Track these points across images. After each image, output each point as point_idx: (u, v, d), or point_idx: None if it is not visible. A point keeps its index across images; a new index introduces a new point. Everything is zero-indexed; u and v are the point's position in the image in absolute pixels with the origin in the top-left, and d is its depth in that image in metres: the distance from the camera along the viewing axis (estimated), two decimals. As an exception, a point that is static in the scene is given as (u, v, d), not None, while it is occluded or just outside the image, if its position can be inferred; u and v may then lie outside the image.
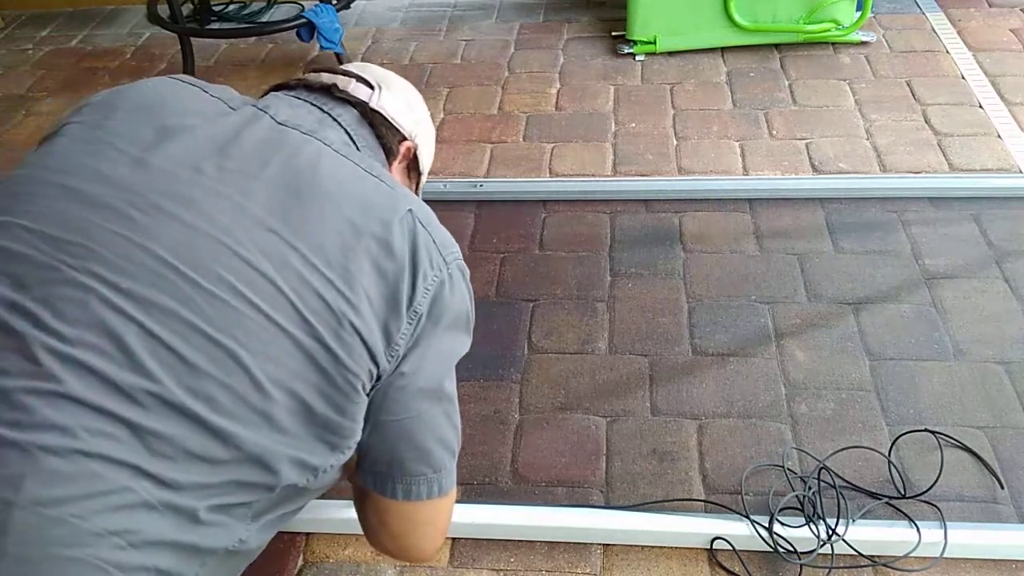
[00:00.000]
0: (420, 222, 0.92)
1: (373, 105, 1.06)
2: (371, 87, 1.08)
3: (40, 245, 0.78)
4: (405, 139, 1.10)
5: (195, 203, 0.83)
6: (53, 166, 0.85)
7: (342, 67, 1.13)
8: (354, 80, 1.08)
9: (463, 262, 0.98)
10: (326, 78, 1.08)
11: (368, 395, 0.90)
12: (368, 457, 0.96)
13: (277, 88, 1.08)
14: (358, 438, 0.91)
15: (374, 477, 0.97)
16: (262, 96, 1.06)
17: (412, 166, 1.14)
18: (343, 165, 0.92)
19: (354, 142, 1.01)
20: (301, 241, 0.84)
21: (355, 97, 1.05)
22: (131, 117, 0.90)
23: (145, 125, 0.89)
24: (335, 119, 1.01)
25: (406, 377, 0.91)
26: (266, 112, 0.95)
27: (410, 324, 0.89)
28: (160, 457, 0.74)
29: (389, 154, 1.07)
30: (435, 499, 0.98)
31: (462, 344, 1.00)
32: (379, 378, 0.90)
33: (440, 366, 0.95)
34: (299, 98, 1.03)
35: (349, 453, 0.91)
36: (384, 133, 1.07)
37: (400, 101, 1.10)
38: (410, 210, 0.92)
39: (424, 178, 1.19)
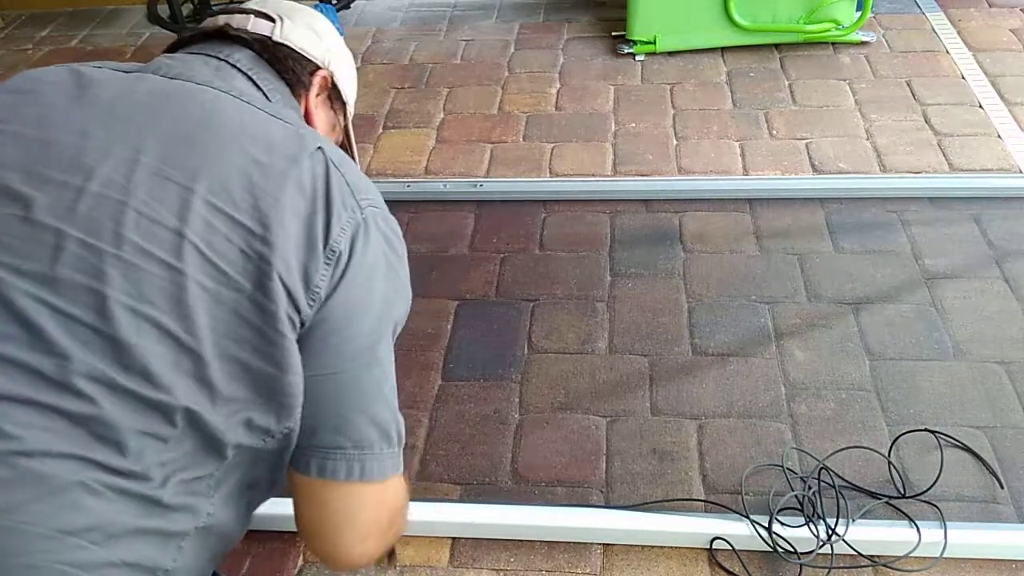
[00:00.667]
0: (332, 161, 0.86)
1: (276, 38, 1.00)
2: (271, 19, 1.02)
3: None
4: (318, 68, 1.02)
5: (84, 167, 0.77)
6: None
7: (240, 4, 1.08)
8: (253, 16, 1.02)
9: (385, 211, 0.90)
10: (221, 20, 1.03)
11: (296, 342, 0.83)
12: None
13: (172, 47, 1.02)
14: (302, 392, 0.83)
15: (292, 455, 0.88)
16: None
17: (333, 95, 1.06)
18: (242, 109, 0.87)
19: (257, 86, 0.95)
20: (202, 185, 0.78)
21: (253, 34, 1.00)
22: (9, 98, 0.85)
23: (25, 104, 0.84)
24: (233, 65, 0.95)
25: (327, 325, 0.83)
26: (156, 73, 0.90)
27: (328, 264, 0.81)
28: (105, 443, 0.71)
29: (300, 87, 1.00)
30: (354, 483, 0.85)
31: (392, 303, 0.88)
32: (302, 324, 0.82)
33: (366, 319, 0.85)
34: (192, 52, 0.97)
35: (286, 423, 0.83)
36: (291, 67, 1.00)
37: (305, 29, 1.03)
38: (319, 148, 0.86)
39: (351, 108, 1.11)
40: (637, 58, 2.82)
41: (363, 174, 0.91)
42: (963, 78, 2.59)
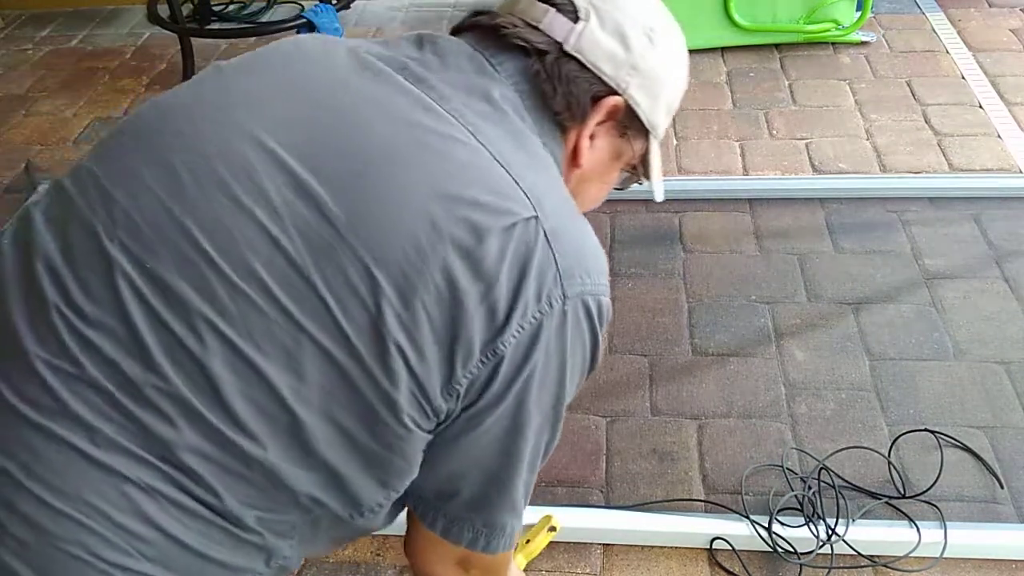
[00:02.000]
0: (546, 235, 0.70)
1: (569, 47, 0.78)
2: (576, 16, 0.79)
3: (91, 195, 0.70)
4: (609, 93, 0.80)
5: (249, 174, 0.68)
6: (162, 105, 0.76)
7: None
8: (553, 9, 0.80)
9: (602, 299, 0.75)
10: (520, 7, 0.81)
11: (429, 432, 0.74)
12: (415, 481, 0.80)
13: (455, 30, 0.85)
14: (413, 477, 0.77)
15: (416, 502, 0.82)
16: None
17: (627, 121, 0.83)
18: (453, 138, 0.71)
19: (519, 107, 0.78)
20: (358, 235, 0.66)
21: (537, 42, 0.78)
22: (247, 75, 0.77)
23: (253, 77, 0.76)
24: (496, 76, 0.78)
25: (473, 422, 0.73)
26: (398, 71, 0.76)
27: (483, 365, 0.70)
28: (188, 472, 0.66)
29: (573, 119, 0.80)
30: (476, 551, 0.82)
31: (555, 402, 0.76)
32: (440, 418, 0.73)
33: (521, 420, 0.74)
34: (458, 48, 0.80)
35: (396, 493, 0.78)
36: (568, 93, 0.79)
37: (613, 32, 0.80)
38: (534, 218, 0.70)
39: (658, 133, 0.87)
40: (637, 58, 2.82)
41: (593, 246, 0.77)
42: (963, 78, 2.59)
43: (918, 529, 1.35)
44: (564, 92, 0.79)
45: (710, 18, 2.72)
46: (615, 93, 0.80)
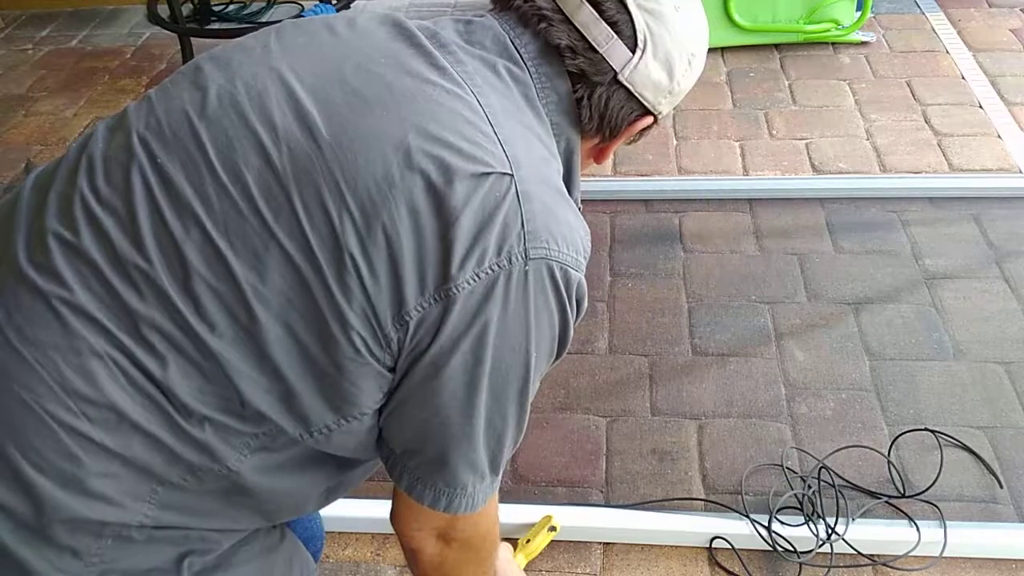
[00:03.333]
0: (518, 195, 0.72)
1: (623, 79, 0.81)
2: (635, 47, 0.80)
3: (141, 108, 0.79)
4: (644, 115, 0.85)
5: (263, 99, 0.75)
6: (221, 49, 0.84)
7: None
8: (615, 37, 0.80)
9: (570, 270, 0.76)
10: (581, 18, 0.80)
11: (384, 367, 0.76)
12: (388, 437, 0.83)
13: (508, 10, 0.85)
14: (367, 409, 0.79)
15: (387, 456, 0.85)
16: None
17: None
18: (453, 92, 0.75)
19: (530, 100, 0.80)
20: (337, 156, 0.72)
21: (595, 68, 0.80)
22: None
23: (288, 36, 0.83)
24: (526, 72, 0.80)
25: (430, 370, 0.75)
26: (431, 38, 0.80)
27: (435, 303, 0.72)
28: (146, 346, 0.71)
29: (601, 137, 0.85)
30: (440, 511, 0.84)
31: (508, 372, 0.77)
32: (392, 350, 0.74)
33: (478, 375, 0.75)
34: (494, 28, 0.82)
35: (357, 424, 0.79)
36: (608, 118, 0.83)
37: (664, 61, 0.82)
38: (509, 175, 0.72)
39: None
40: (637, 58, 2.82)
41: (570, 221, 0.77)
42: (963, 78, 2.59)
43: (918, 528, 1.35)
44: (600, 116, 0.83)
45: (710, 18, 2.69)
46: (649, 114, 0.85)
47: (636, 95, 0.82)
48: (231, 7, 3.19)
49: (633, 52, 0.81)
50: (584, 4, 0.80)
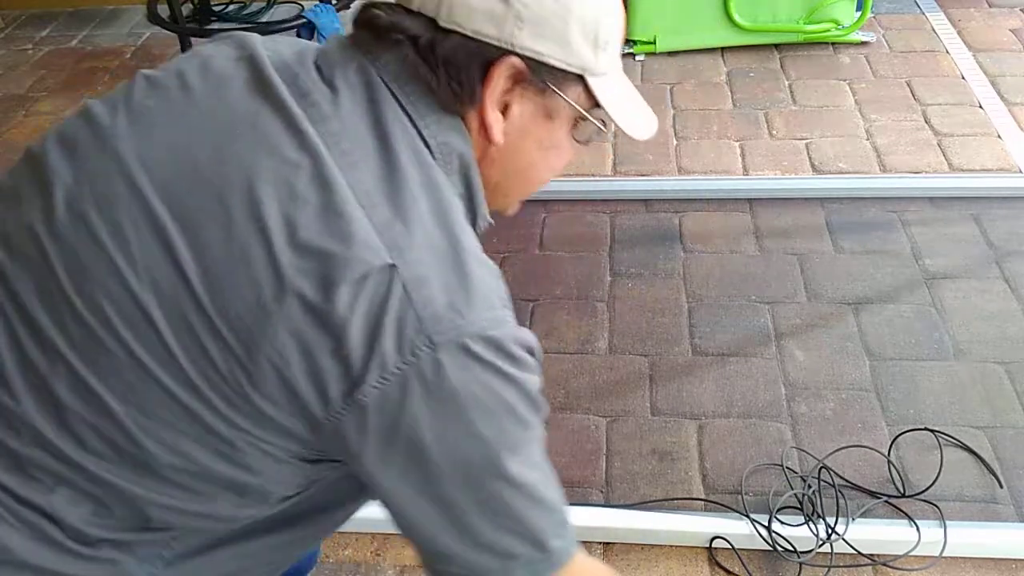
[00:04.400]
0: (404, 284, 0.65)
1: (444, 22, 0.72)
2: None
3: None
4: (500, 56, 0.73)
5: (113, 212, 0.69)
6: (85, 114, 0.78)
7: None
8: None
9: (490, 332, 0.68)
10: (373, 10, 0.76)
11: (307, 461, 0.74)
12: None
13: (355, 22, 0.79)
14: (287, 491, 0.78)
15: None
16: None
17: (543, 78, 0.75)
18: (316, 175, 0.68)
19: (408, 117, 0.73)
20: (205, 286, 0.66)
21: (409, 28, 0.73)
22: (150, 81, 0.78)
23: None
24: (380, 83, 0.73)
25: (377, 479, 0.71)
26: (265, 79, 0.73)
27: (346, 412, 0.67)
28: (33, 483, 0.69)
29: (469, 99, 0.74)
30: None
31: (484, 456, 0.70)
32: (316, 448, 0.72)
33: (433, 475, 0.70)
34: (348, 52, 0.76)
35: (280, 503, 0.78)
36: (454, 74, 0.73)
37: None
38: (389, 266, 0.66)
39: (594, 75, 0.77)
40: (637, 58, 2.82)
41: (477, 280, 0.69)
42: (963, 78, 2.59)
43: (918, 528, 1.35)
44: (447, 76, 0.72)
45: (710, 18, 2.72)
46: (509, 54, 0.72)
47: (469, 34, 0.72)
48: (231, 7, 3.19)
49: None
50: None
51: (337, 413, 0.67)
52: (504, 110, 0.75)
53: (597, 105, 0.78)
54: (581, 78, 0.76)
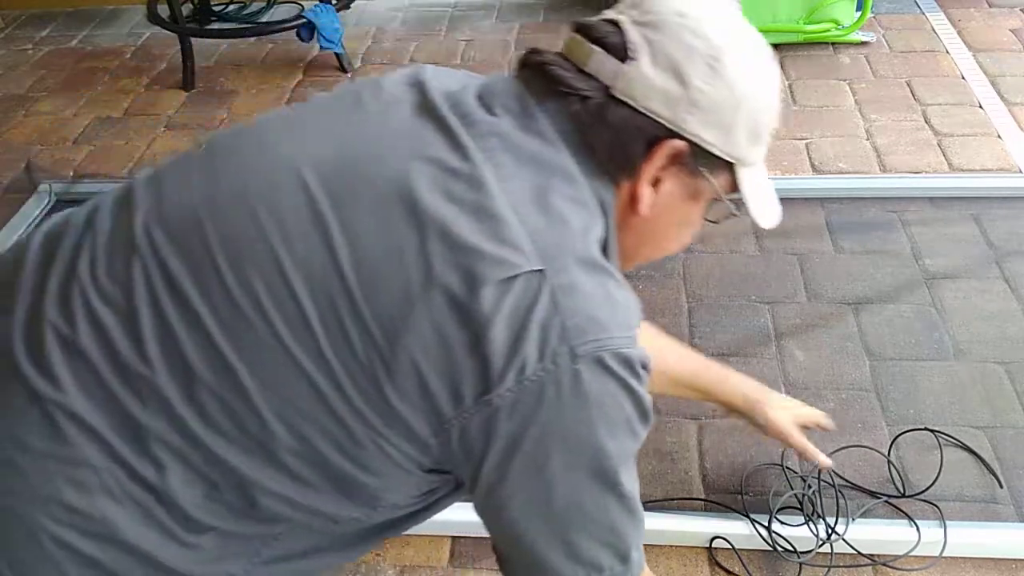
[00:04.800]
0: (553, 290, 0.67)
1: (618, 92, 0.73)
2: (625, 54, 0.73)
3: (149, 188, 0.76)
4: (667, 136, 0.74)
5: (276, 197, 0.71)
6: (248, 124, 0.82)
7: (603, 20, 0.77)
8: (598, 50, 0.74)
9: (624, 351, 0.69)
10: (569, 46, 0.77)
11: (423, 470, 0.75)
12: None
13: (519, 61, 0.82)
14: (397, 500, 0.78)
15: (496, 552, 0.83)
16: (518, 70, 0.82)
17: (699, 160, 0.76)
18: (473, 180, 0.70)
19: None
20: (355, 273, 0.68)
21: (580, 87, 0.74)
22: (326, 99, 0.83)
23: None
24: (541, 117, 0.75)
25: (494, 477, 0.71)
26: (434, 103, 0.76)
27: (475, 413, 0.68)
28: (148, 458, 0.68)
29: (623, 172, 0.76)
30: None
31: (595, 464, 0.72)
32: (434, 455, 0.72)
33: (547, 481, 0.71)
34: (510, 87, 0.78)
35: (385, 510, 0.79)
36: (616, 145, 0.74)
37: (666, 67, 0.73)
38: (538, 272, 0.67)
39: (744, 166, 0.79)
40: (637, 58, 2.82)
41: (615, 300, 0.71)
42: (963, 78, 2.59)
43: (918, 528, 1.35)
44: (610, 141, 0.74)
45: (710, 18, 2.72)
46: (674, 135, 0.74)
47: (640, 109, 0.73)
48: (231, 7, 3.20)
49: (624, 63, 0.73)
50: (573, 34, 0.78)
51: (466, 414, 0.68)
52: (654, 184, 0.77)
53: (735, 190, 0.80)
54: (731, 165, 0.78)
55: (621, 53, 0.74)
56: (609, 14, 0.78)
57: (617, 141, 0.74)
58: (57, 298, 0.70)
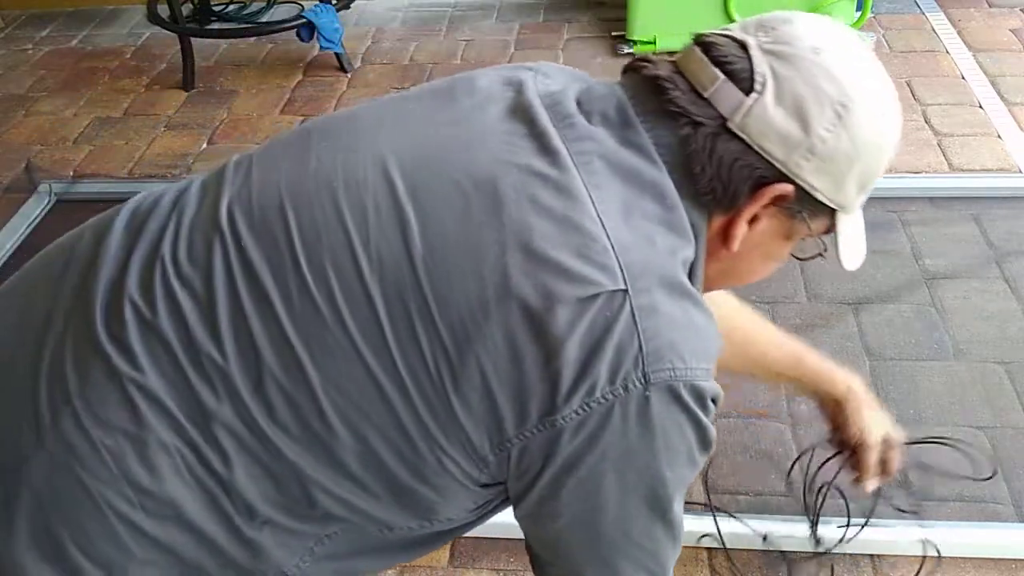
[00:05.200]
0: (633, 312, 0.64)
1: (734, 126, 0.69)
2: (750, 88, 0.69)
3: (239, 171, 0.76)
4: (777, 179, 0.71)
5: (358, 188, 0.70)
6: (340, 112, 0.82)
7: (730, 39, 0.73)
8: (722, 77, 0.70)
9: (698, 383, 0.67)
10: (692, 66, 0.73)
11: (482, 485, 0.74)
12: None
13: (626, 68, 0.78)
14: (453, 514, 0.77)
15: (530, 554, 0.82)
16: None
17: (800, 206, 0.73)
18: (562, 189, 0.67)
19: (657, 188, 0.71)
20: (430, 275, 0.66)
21: (702, 112, 0.70)
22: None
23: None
24: (641, 130, 0.72)
25: (547, 492, 0.70)
26: (527, 108, 0.73)
27: (538, 432, 0.66)
28: (213, 445, 0.68)
29: (730, 204, 0.72)
30: None
31: (649, 491, 0.71)
32: (491, 469, 0.71)
33: (600, 504, 0.70)
34: (613, 93, 0.75)
35: (439, 523, 0.78)
36: (722, 178, 0.70)
37: (790, 107, 0.69)
38: (622, 291, 0.64)
39: (845, 213, 0.76)
40: (637, 58, 2.82)
41: (698, 327, 0.68)
42: (963, 78, 2.59)
43: (918, 528, 1.35)
44: (715, 175, 0.70)
45: (710, 17, 2.72)
46: (785, 179, 0.71)
47: (754, 147, 0.69)
48: (231, 7, 3.20)
49: (747, 95, 0.69)
50: (693, 49, 0.73)
51: (529, 433, 0.66)
52: (750, 222, 0.74)
53: (829, 230, 0.78)
54: (832, 211, 0.75)
55: (745, 83, 0.69)
56: (736, 32, 0.73)
57: (723, 176, 0.70)
58: (139, 276, 0.70)
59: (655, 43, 2.79)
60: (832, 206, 0.74)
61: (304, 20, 2.69)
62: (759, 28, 0.72)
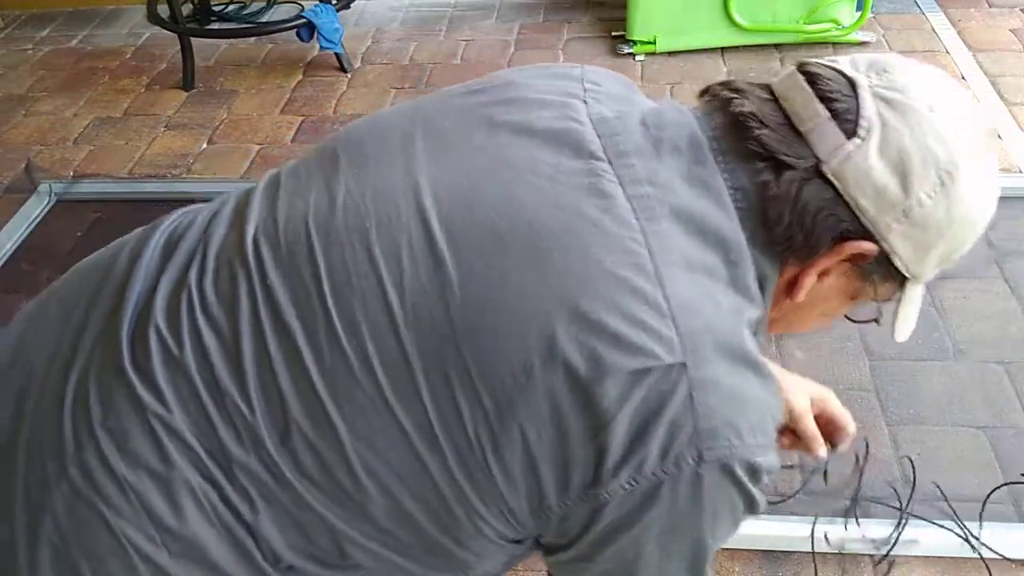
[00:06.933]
0: (691, 387, 0.59)
1: (827, 170, 0.63)
2: (853, 133, 0.63)
3: (266, 195, 0.72)
4: (862, 236, 0.65)
5: (391, 228, 0.64)
6: (369, 121, 0.76)
7: (838, 73, 0.66)
8: (828, 116, 0.64)
9: (753, 459, 0.62)
10: (793, 98, 0.66)
11: (514, 542, 0.70)
12: None
13: (703, 92, 0.72)
14: (488, 568, 0.74)
15: None
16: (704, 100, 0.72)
17: (874, 268, 0.68)
18: (614, 240, 0.61)
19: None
20: (470, 335, 0.61)
21: (793, 152, 0.64)
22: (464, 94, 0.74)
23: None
24: (717, 168, 0.66)
25: (583, 554, 0.67)
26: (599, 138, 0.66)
27: (581, 503, 0.62)
28: (240, 492, 0.64)
29: (805, 256, 0.67)
30: None
31: (689, 555, 0.67)
32: (528, 532, 0.68)
33: (638, 568, 0.67)
34: (685, 122, 0.69)
35: (474, 574, 0.75)
36: (805, 223, 0.64)
37: (892, 161, 0.63)
38: (680, 365, 0.59)
39: (914, 284, 0.71)
40: (637, 58, 2.82)
41: (756, 399, 0.62)
42: (963, 78, 2.59)
43: (918, 528, 1.35)
44: (796, 222, 0.64)
45: (710, 18, 2.72)
46: (870, 238, 0.65)
47: (846, 197, 0.63)
48: (231, 7, 3.20)
49: (848, 139, 0.63)
50: (797, 76, 0.67)
51: (570, 502, 0.63)
52: (820, 275, 0.69)
53: (889, 299, 0.73)
54: (903, 279, 0.70)
55: (849, 126, 0.63)
56: (846, 67, 0.66)
57: (805, 225, 0.64)
58: (167, 304, 0.68)
59: (655, 43, 2.79)
60: (907, 274, 0.69)
61: (304, 20, 2.69)
62: (871, 68, 0.66)
